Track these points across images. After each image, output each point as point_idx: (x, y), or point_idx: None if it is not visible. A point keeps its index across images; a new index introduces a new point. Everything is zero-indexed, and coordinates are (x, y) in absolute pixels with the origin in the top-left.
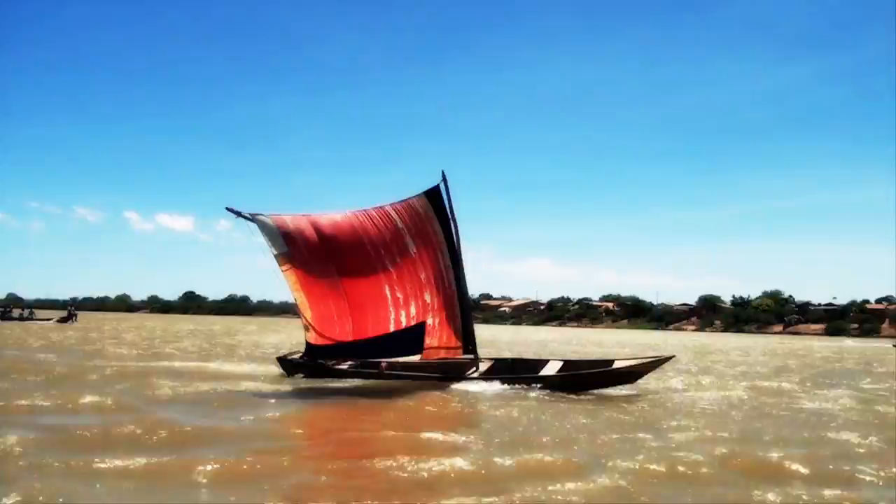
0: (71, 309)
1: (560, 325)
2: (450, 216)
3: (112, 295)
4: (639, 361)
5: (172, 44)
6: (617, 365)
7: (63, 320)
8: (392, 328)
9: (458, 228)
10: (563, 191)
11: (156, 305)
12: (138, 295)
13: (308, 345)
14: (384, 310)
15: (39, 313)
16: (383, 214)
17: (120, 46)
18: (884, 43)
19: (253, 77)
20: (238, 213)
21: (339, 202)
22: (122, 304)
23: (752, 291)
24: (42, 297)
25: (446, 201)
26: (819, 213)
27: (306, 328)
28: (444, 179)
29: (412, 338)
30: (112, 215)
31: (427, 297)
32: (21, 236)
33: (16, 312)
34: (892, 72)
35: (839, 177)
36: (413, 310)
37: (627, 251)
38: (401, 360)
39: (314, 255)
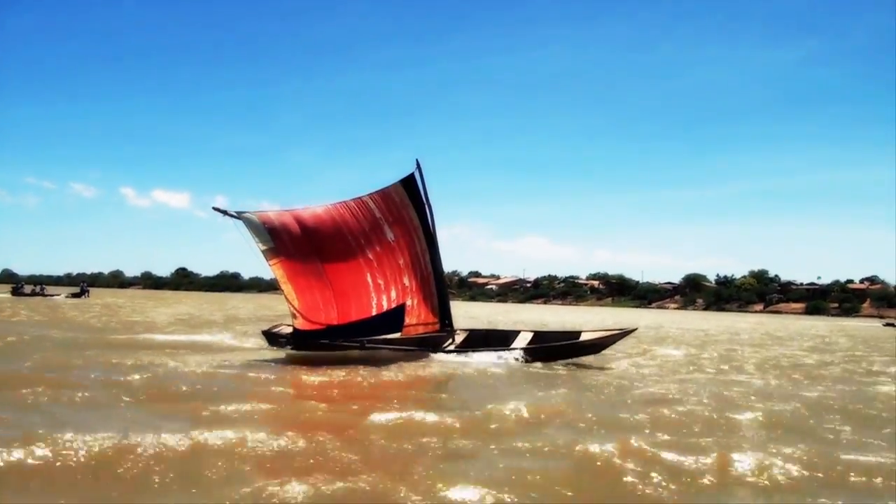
0: (83, 285)
1: (545, 302)
2: (424, 201)
3: (106, 271)
4: (603, 334)
5: (170, 22)
6: (583, 337)
7: (75, 296)
8: (374, 312)
9: (433, 212)
10: (561, 170)
11: (148, 281)
12: (132, 271)
13: (295, 330)
14: (366, 296)
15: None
16: (362, 205)
17: (118, 24)
18: (875, 27)
19: (249, 58)
20: (224, 212)
21: (332, 180)
22: (116, 280)
23: (746, 271)
24: (35, 272)
25: (421, 188)
26: (815, 194)
27: (294, 316)
28: (419, 167)
29: (393, 318)
30: (108, 191)
31: (406, 281)
32: (16, 211)
33: (27, 288)
34: (888, 55)
35: (836, 158)
36: (393, 293)
37: (625, 230)
38: (381, 336)
39: (299, 248)
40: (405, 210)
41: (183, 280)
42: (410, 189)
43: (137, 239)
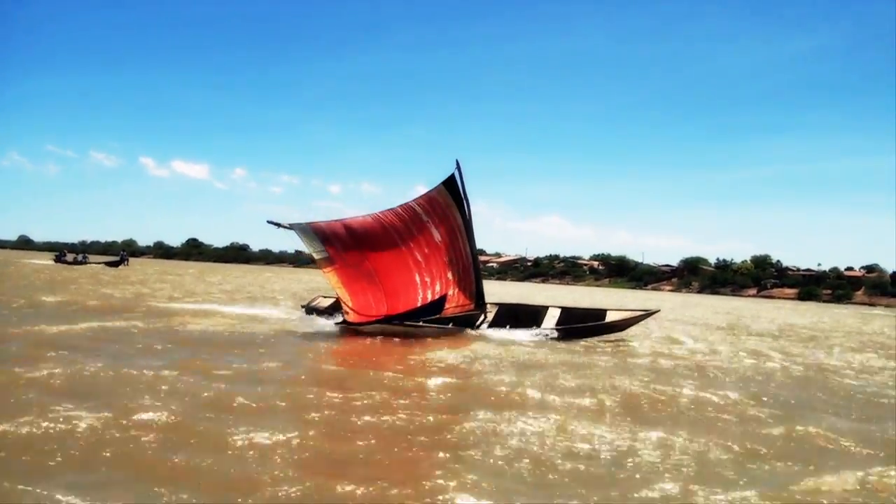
0: (123, 254)
1: (543, 282)
2: (464, 199)
3: (119, 239)
4: (629, 314)
5: None
6: (609, 316)
7: (113, 264)
8: (419, 304)
9: (470, 207)
10: (581, 151)
11: (159, 251)
12: (145, 240)
13: (346, 321)
14: (413, 292)
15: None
16: (409, 210)
17: None
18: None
19: (273, 33)
20: (278, 225)
21: (351, 156)
22: (128, 249)
23: (760, 255)
24: (51, 239)
25: (461, 187)
26: (826, 181)
27: (346, 312)
28: (459, 168)
29: (435, 307)
30: (128, 161)
31: (449, 276)
32: (36, 179)
33: (70, 257)
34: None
35: (852, 146)
36: (438, 287)
37: (644, 212)
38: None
39: (350, 254)
40: (449, 210)
41: (193, 251)
42: (452, 189)
43: (153, 209)
